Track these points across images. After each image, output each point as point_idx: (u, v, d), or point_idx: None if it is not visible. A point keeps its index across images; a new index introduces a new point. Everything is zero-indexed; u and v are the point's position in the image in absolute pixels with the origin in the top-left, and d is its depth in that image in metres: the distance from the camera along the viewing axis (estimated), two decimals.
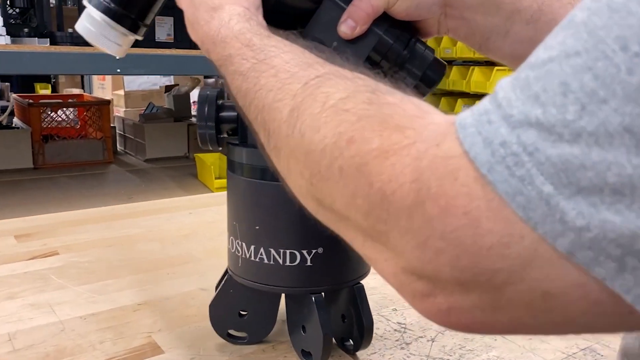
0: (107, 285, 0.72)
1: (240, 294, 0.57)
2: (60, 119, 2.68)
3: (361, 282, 0.57)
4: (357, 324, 0.55)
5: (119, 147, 3.13)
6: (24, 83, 6.03)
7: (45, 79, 6.30)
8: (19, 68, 1.58)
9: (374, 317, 0.64)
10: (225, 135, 0.56)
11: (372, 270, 0.80)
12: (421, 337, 0.61)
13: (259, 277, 0.53)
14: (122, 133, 3.13)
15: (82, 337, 0.59)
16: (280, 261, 0.51)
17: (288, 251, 0.51)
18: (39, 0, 1.89)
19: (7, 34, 1.79)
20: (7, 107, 3.01)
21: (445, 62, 0.54)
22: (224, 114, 0.54)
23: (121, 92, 4.21)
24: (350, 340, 0.57)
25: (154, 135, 2.74)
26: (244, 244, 0.53)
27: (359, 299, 0.55)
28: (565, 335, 0.41)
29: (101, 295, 0.69)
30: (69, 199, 1.88)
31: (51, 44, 1.75)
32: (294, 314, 0.56)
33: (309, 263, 0.51)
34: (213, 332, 0.59)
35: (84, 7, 0.53)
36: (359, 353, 0.57)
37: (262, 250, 0.52)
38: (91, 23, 0.51)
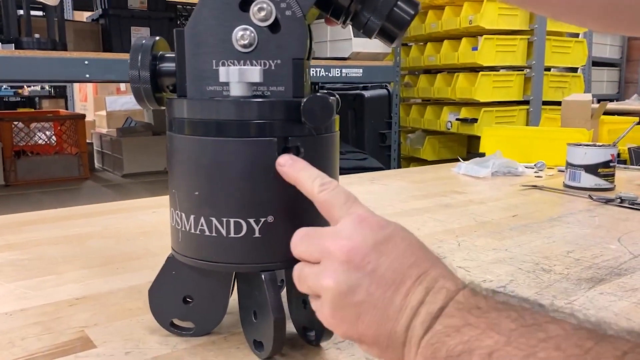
0: (45, 281, 0.64)
1: (184, 276, 0.49)
2: (35, 135, 2.60)
3: None
4: None
5: (97, 164, 3.04)
6: (6, 108, 5.96)
7: (29, 103, 6.24)
8: None
9: None
10: (165, 92, 0.49)
11: None
12: None
13: (199, 253, 0.45)
14: (99, 149, 3.05)
15: (2, 334, 0.51)
16: (224, 232, 0.44)
17: (232, 220, 0.44)
18: (4, 7, 1.83)
19: None
20: None
21: (418, 1, 0.46)
22: (163, 65, 0.47)
23: (103, 113, 4.14)
24: (313, 331, 0.49)
25: (132, 149, 2.66)
26: (183, 214, 0.45)
27: None
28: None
29: (36, 291, 0.61)
30: None
31: (16, 48, 1.68)
32: (245, 298, 0.48)
33: (257, 234, 0.44)
34: (157, 325, 0.51)
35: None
36: (325, 343, 0.49)
37: (202, 220, 0.44)
38: None
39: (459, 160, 1.46)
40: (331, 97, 0.45)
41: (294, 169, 0.42)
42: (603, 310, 0.57)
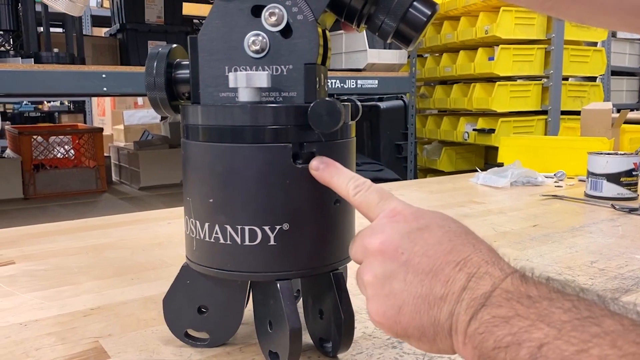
0: (61, 291, 0.64)
1: (198, 285, 0.48)
2: (53, 148, 2.64)
3: (341, 269, 0.48)
4: (334, 319, 0.46)
5: (115, 177, 3.07)
6: (26, 122, 6.07)
7: (48, 118, 6.35)
8: (0, 87, 1.53)
9: (364, 317, 0.56)
10: (181, 100, 0.48)
11: None
12: None
13: (214, 262, 0.45)
14: (117, 162, 3.08)
15: (16, 345, 0.50)
16: (238, 240, 0.43)
17: (247, 228, 0.43)
18: (25, 22, 1.87)
19: None
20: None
21: (436, 2, 0.45)
22: (179, 72, 0.47)
23: (121, 127, 4.18)
24: (330, 342, 0.48)
25: (149, 162, 2.67)
26: (197, 222, 0.45)
27: (336, 287, 0.46)
28: None
29: (52, 301, 0.61)
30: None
31: (35, 63, 1.71)
32: (260, 308, 0.47)
33: (272, 242, 0.43)
34: (172, 336, 0.50)
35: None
36: (342, 355, 0.48)
37: (217, 227, 0.43)
38: None
39: (477, 171, 1.44)
40: (344, 103, 0.44)
41: (328, 173, 0.42)
42: None
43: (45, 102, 6.30)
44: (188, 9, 2.74)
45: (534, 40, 2.56)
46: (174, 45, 0.49)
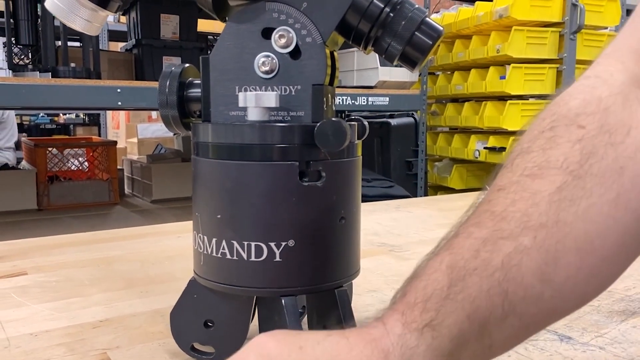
0: (71, 303, 0.65)
1: (205, 299, 0.49)
2: (68, 160, 2.67)
3: (345, 286, 0.48)
4: None
5: (127, 190, 3.10)
6: (42, 134, 6.16)
7: (64, 130, 6.45)
8: (18, 101, 1.57)
9: None
10: (193, 118, 0.50)
11: (369, 287, 0.72)
12: None
13: (220, 277, 0.45)
14: (130, 175, 3.11)
15: (26, 354, 0.52)
16: (245, 256, 0.44)
17: (253, 244, 0.44)
18: (43, 38, 1.91)
19: (10, 69, 1.80)
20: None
21: (441, 27, 0.47)
22: (190, 91, 0.48)
23: (134, 140, 4.23)
24: None
25: (161, 175, 2.70)
26: (205, 237, 0.46)
27: (340, 303, 0.47)
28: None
29: (62, 312, 0.62)
30: None
31: (53, 77, 1.74)
32: (265, 322, 0.48)
33: (278, 258, 0.44)
34: (178, 349, 0.51)
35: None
36: None
37: (224, 243, 0.44)
38: None
39: (487, 189, 1.44)
40: (350, 123, 0.45)
41: None
42: (636, 344, 0.54)
43: (61, 115, 6.39)
44: (203, 25, 2.79)
45: (546, 59, 2.57)
46: (187, 64, 0.51)
